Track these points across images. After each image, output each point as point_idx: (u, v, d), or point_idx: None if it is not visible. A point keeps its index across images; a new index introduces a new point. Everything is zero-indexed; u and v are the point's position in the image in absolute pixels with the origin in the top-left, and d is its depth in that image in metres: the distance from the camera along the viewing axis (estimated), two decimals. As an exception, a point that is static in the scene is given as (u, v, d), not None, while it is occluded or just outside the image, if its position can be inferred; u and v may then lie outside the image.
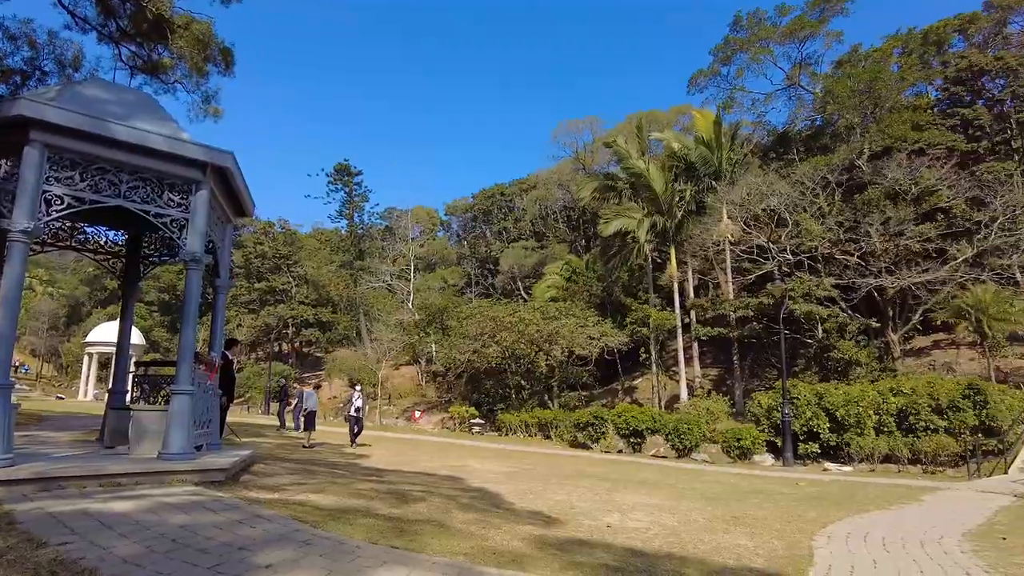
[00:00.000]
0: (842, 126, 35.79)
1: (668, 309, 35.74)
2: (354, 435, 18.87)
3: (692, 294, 36.53)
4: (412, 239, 67.24)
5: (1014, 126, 33.30)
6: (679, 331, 34.40)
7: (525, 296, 51.38)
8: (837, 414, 21.54)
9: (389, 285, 58.67)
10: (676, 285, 35.12)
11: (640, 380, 38.86)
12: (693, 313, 34.99)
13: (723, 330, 32.73)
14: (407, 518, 6.25)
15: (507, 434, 31.84)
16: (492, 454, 19.56)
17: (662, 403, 33.42)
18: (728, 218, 31.19)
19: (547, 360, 34.72)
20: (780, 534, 7.63)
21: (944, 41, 36.25)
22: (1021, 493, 13.82)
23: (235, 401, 28.75)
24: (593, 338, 33.33)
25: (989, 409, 19.48)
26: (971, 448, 18.94)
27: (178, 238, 7.40)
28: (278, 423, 26.17)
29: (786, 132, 42.41)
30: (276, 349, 64.90)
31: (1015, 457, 18.33)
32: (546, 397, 35.47)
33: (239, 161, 8.14)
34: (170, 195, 7.37)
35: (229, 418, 13.20)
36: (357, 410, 19.20)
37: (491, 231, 68.86)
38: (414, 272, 61.39)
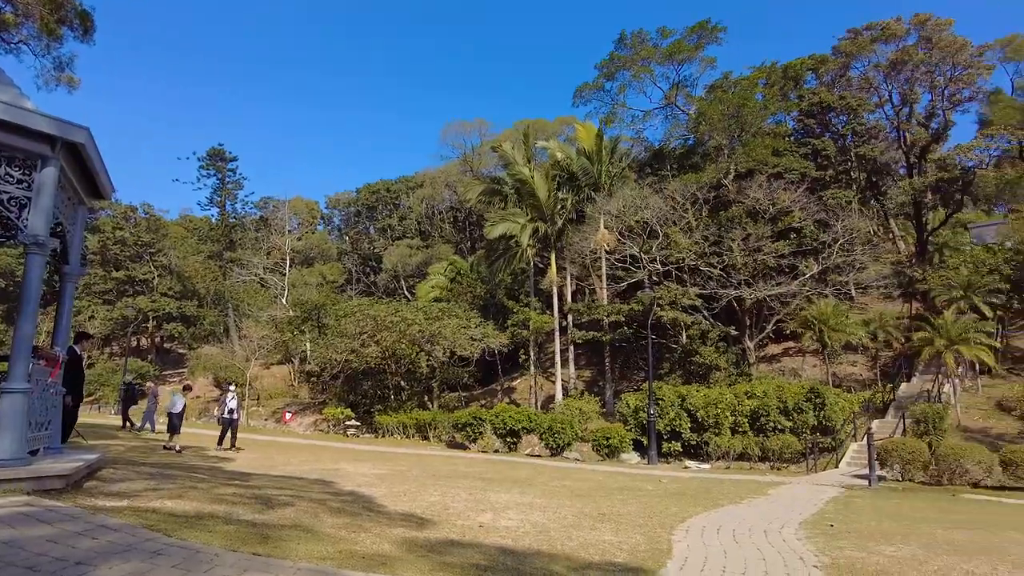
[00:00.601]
0: (712, 147, 38.30)
1: (548, 313, 36.73)
2: (222, 438, 17.88)
3: (570, 299, 37.71)
4: (289, 231, 64.18)
5: (853, 159, 37.32)
6: (557, 334, 35.45)
7: (409, 295, 50.81)
8: (698, 415, 23.13)
9: (262, 279, 55.67)
10: (556, 290, 36.17)
11: (519, 381, 39.57)
12: (570, 317, 36.23)
13: (597, 334, 34.06)
14: (272, 523, 5.97)
15: (384, 436, 31.32)
16: (367, 456, 19.16)
17: (539, 403, 34.25)
18: (605, 228, 32.56)
19: (428, 360, 34.51)
20: (642, 529, 8.05)
21: (800, 77, 39.86)
22: (847, 485, 15.54)
23: (85, 400, 26.20)
24: (475, 339, 33.54)
25: (826, 410, 21.73)
26: (810, 446, 21.09)
27: (17, 218, 6.60)
28: (121, 423, 24.48)
29: (661, 149, 44.66)
30: (134, 344, 59.85)
31: (844, 453, 20.62)
32: (426, 398, 35.24)
33: (96, 138, 7.41)
34: (8, 170, 6.57)
35: (78, 419, 12.03)
36: (231, 411, 18.17)
37: (375, 228, 67.42)
38: (290, 266, 58.66)
